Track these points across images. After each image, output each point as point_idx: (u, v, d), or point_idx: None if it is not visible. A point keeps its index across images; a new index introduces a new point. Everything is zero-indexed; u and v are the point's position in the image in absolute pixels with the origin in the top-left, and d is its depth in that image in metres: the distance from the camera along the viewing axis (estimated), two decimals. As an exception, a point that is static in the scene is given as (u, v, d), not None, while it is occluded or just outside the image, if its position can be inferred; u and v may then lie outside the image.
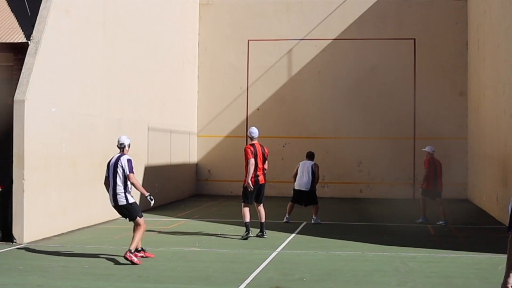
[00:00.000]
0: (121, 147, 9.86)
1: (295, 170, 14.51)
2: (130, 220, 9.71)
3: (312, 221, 14.11)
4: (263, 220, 12.02)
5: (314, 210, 14.21)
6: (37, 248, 10.62)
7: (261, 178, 11.91)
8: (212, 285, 8.06)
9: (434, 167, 14.50)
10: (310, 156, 14.56)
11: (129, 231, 12.61)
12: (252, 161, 11.67)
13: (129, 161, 9.67)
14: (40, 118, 11.49)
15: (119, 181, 9.58)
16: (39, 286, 7.90)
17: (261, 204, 12.04)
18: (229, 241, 11.57)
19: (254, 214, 12.10)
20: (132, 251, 9.32)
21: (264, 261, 9.52)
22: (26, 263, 9.37)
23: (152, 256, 9.81)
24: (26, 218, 11.03)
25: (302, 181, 14.24)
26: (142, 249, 9.79)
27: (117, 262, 9.47)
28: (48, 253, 10.22)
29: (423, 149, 15.09)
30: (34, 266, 9.16)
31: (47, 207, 11.66)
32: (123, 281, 8.18)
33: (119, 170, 9.60)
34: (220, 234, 12.33)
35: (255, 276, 8.52)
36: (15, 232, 10.99)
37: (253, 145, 11.88)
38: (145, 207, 16.56)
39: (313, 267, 9.14)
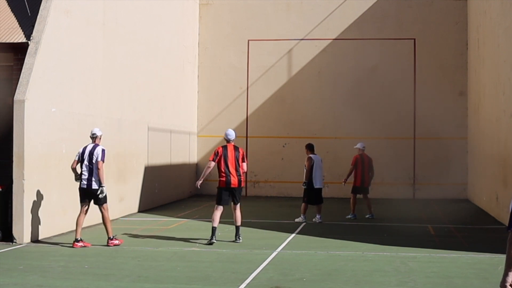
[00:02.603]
0: (94, 137, 11.00)
1: (308, 167, 14.08)
2: (96, 203, 10.84)
3: (317, 221, 14.09)
4: (238, 223, 11.45)
5: (319, 208, 14.21)
6: (37, 248, 10.62)
7: (233, 180, 11.37)
8: (212, 285, 8.06)
9: (362, 164, 15.12)
10: (313, 149, 14.54)
11: (129, 231, 12.62)
12: (210, 163, 11.51)
13: (103, 150, 10.84)
14: (40, 118, 11.49)
15: (95, 168, 10.70)
16: (39, 286, 7.90)
17: (238, 206, 11.45)
18: (229, 241, 11.55)
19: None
20: (112, 237, 10.80)
21: (264, 261, 9.52)
22: (26, 263, 9.37)
23: (89, 245, 10.79)
24: (26, 218, 11.03)
25: (321, 179, 14.24)
26: (81, 239, 10.81)
27: (117, 262, 9.48)
28: (48, 253, 10.22)
29: (355, 146, 15.52)
30: (34, 266, 9.16)
31: (47, 207, 11.66)
32: (123, 281, 8.19)
33: (94, 158, 10.73)
34: (216, 240, 12.31)
35: (255, 276, 8.52)
36: (15, 232, 10.99)
37: (225, 146, 11.56)
38: (146, 207, 16.58)
39: (313, 267, 9.14)
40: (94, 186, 10.71)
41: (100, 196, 10.84)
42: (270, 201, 19.61)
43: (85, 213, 10.94)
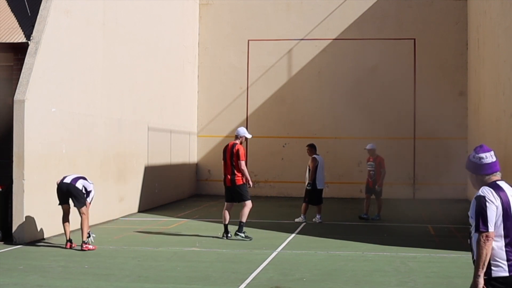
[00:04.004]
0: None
1: (312, 167, 13.99)
2: (76, 205, 10.53)
3: (317, 221, 14.08)
4: (239, 219, 11.70)
5: (319, 208, 14.20)
6: (37, 248, 10.62)
7: (227, 179, 11.65)
8: (212, 285, 8.06)
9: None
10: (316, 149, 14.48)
11: (129, 231, 12.63)
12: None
13: (91, 189, 10.68)
14: (40, 118, 11.49)
15: (81, 183, 10.52)
16: (39, 286, 7.90)
17: (243, 203, 11.67)
18: (229, 241, 11.57)
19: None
20: (86, 241, 10.44)
21: (264, 261, 9.52)
22: (26, 263, 9.37)
23: (75, 245, 10.65)
24: (26, 218, 11.03)
25: (323, 179, 14.21)
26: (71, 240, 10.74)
27: (117, 262, 9.48)
28: (48, 253, 10.22)
29: (367, 147, 14.84)
30: (34, 266, 9.16)
31: (47, 207, 11.65)
32: (123, 281, 8.19)
33: (79, 186, 10.49)
34: (219, 236, 12.32)
35: (255, 276, 8.52)
36: (15, 232, 10.99)
37: (227, 144, 11.89)
38: (146, 207, 16.58)
39: (313, 267, 9.14)
40: (78, 185, 10.50)
41: (89, 242, 10.54)
42: (270, 201, 19.61)
43: (68, 213, 10.76)
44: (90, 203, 10.66)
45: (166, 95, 18.53)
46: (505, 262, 4.32)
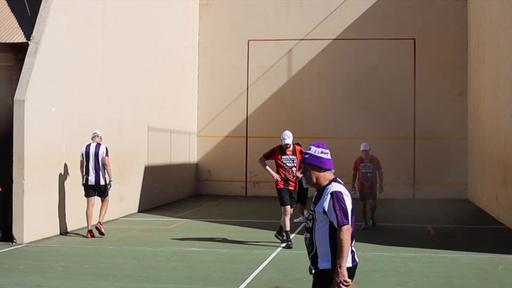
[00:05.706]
0: (95, 135, 12.04)
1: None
2: (101, 196, 11.92)
3: (302, 220, 13.93)
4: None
5: (302, 207, 14.08)
6: (37, 248, 10.62)
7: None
8: (212, 285, 8.06)
9: None
10: None
11: (129, 231, 12.64)
12: None
13: (107, 148, 11.98)
14: (40, 118, 11.49)
15: (102, 165, 11.79)
16: (39, 286, 7.91)
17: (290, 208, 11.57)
18: (229, 241, 11.57)
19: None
20: (101, 222, 11.85)
21: (264, 261, 9.52)
22: (26, 263, 9.37)
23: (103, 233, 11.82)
24: (26, 218, 11.03)
25: None
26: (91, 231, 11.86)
27: (117, 262, 9.48)
28: (48, 253, 10.23)
29: (365, 148, 13.91)
30: (34, 266, 9.16)
31: (47, 207, 11.66)
32: (123, 281, 8.19)
33: (100, 156, 11.79)
34: (220, 237, 12.33)
35: (255, 276, 8.52)
36: (15, 232, 10.99)
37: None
38: (146, 207, 16.58)
39: (313, 267, 9.13)
40: (102, 182, 11.78)
41: (109, 189, 11.92)
42: (270, 201, 19.59)
43: (93, 206, 11.89)
44: (108, 156, 11.89)
45: (166, 95, 18.53)
46: (350, 254, 4.54)
